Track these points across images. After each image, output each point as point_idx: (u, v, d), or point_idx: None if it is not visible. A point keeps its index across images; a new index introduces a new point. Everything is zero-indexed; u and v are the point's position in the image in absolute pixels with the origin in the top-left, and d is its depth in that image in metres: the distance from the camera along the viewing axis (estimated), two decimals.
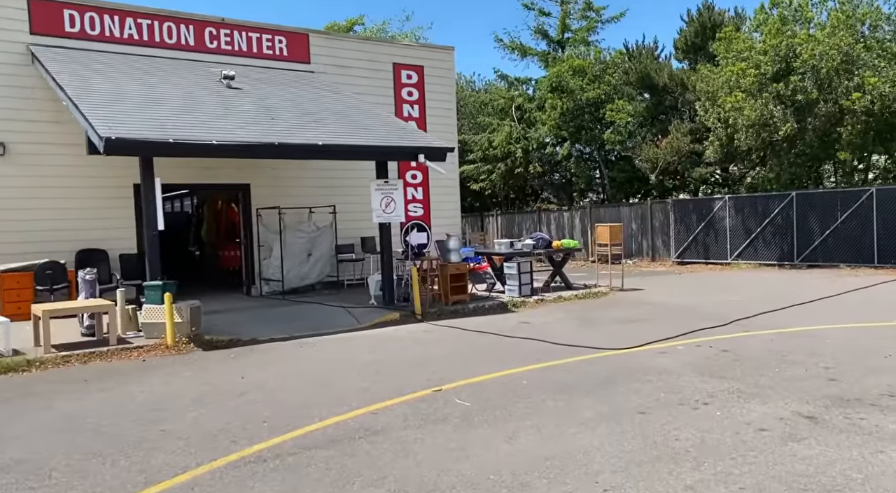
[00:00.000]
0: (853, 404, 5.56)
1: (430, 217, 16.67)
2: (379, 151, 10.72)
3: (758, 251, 19.27)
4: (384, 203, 11.49)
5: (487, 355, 8.13)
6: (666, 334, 9.03)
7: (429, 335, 9.62)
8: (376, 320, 10.69)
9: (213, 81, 12.13)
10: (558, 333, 9.47)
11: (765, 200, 18.99)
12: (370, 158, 11.10)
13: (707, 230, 20.53)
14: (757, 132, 17.42)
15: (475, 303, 11.94)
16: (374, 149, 10.65)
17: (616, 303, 12.32)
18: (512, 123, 25.59)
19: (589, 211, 24.45)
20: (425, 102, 16.47)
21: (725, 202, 19.96)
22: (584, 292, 13.33)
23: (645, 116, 21.99)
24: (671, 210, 21.47)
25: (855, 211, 16.96)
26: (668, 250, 21.79)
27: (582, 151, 25.52)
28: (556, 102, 22.78)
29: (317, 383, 6.98)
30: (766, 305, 11.20)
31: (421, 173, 16.44)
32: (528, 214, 27.25)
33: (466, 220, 29.93)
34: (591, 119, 22.75)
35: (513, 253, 13.12)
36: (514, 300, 12.24)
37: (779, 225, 18.69)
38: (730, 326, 9.51)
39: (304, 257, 13.58)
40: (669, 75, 21.00)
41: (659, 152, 21.03)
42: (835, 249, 17.44)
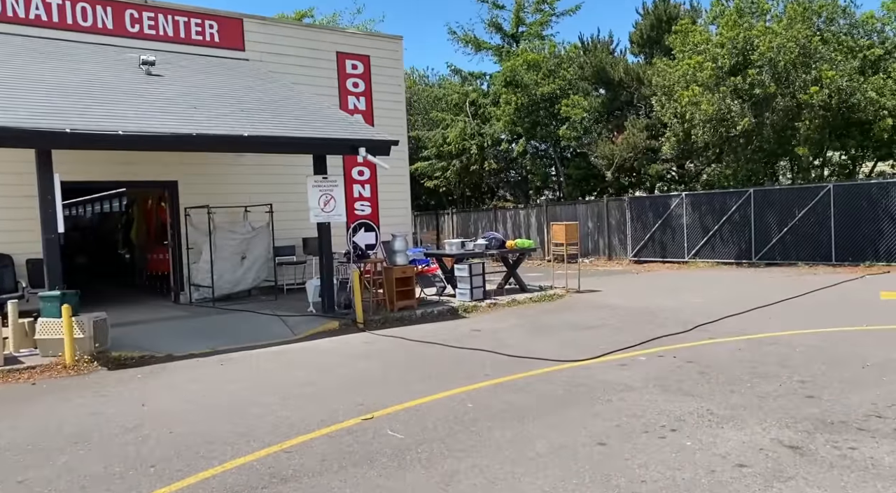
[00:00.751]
0: (839, 429, 4.87)
1: (378, 216, 15.72)
2: (314, 144, 9.74)
3: (715, 249, 18.90)
4: (323, 201, 10.53)
5: (431, 370, 7.27)
6: (626, 342, 8.32)
7: (369, 347, 8.70)
8: (312, 331, 9.73)
9: (131, 68, 10.96)
10: (511, 342, 8.67)
11: (722, 197, 18.62)
12: (304, 151, 10.12)
13: (664, 228, 20.10)
14: (714, 127, 16.98)
15: (423, 309, 11.07)
16: (309, 141, 9.67)
17: (572, 306, 11.61)
18: (466, 119, 24.81)
19: (545, 209, 23.84)
20: (372, 94, 15.52)
21: (682, 200, 19.55)
22: (540, 294, 12.60)
23: (601, 112, 21.46)
24: (627, 208, 20.99)
25: (812, 208, 16.67)
26: (625, 248, 21.31)
27: (538, 147, 24.90)
28: (510, 97, 22.07)
29: (229, 411, 6.00)
30: (730, 307, 10.63)
31: (368, 170, 15.49)
32: (483, 212, 26.54)
33: (421, 218, 29.07)
34: (547, 115, 22.12)
35: (464, 254, 12.30)
36: (466, 305, 11.42)
37: (736, 222, 18.34)
38: (694, 332, 8.86)
39: (237, 261, 12.50)
40: (625, 70, 20.51)
41: (615, 149, 20.51)
42: (793, 246, 17.14)
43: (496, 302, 11.83)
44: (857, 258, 15.86)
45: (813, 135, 15.80)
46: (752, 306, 10.61)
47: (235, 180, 13.53)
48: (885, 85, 15.56)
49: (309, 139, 9.65)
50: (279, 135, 9.36)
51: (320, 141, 9.72)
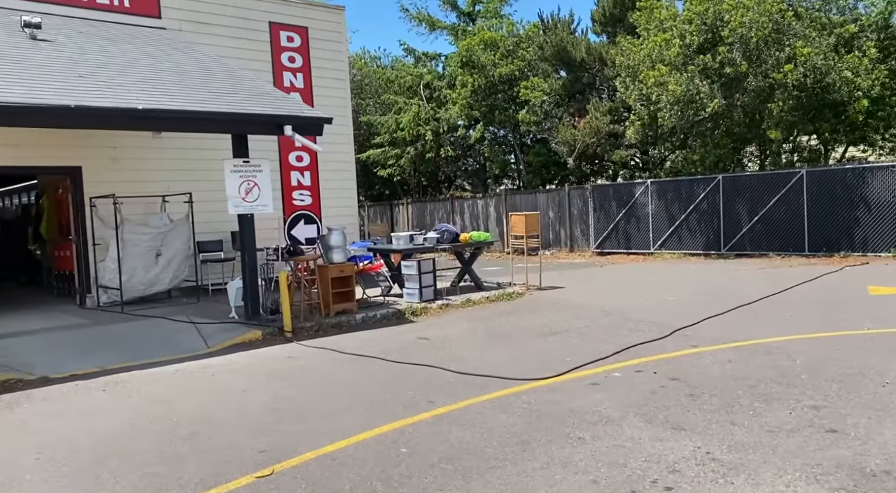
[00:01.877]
0: (884, 483, 3.68)
1: (320, 206, 14.23)
2: (229, 120, 8.21)
3: (682, 240, 17.92)
4: (244, 189, 9.02)
5: (363, 396, 5.89)
6: (596, 351, 7.08)
7: (293, 364, 7.27)
8: (228, 342, 8.24)
9: (11, 30, 9.22)
10: (462, 353, 7.35)
11: (689, 185, 17.63)
12: (218, 129, 8.57)
13: (628, 218, 19.05)
14: (682, 110, 15.92)
15: (365, 312, 9.67)
16: (223, 117, 8.13)
17: (533, 307, 10.35)
18: (420, 103, 23.36)
19: (504, 198, 22.61)
20: (311, 71, 13.96)
21: (648, 187, 18.51)
22: (497, 293, 11.31)
23: (561, 95, 20.27)
24: (590, 197, 19.89)
25: (784, 195, 15.77)
26: (588, 239, 20.23)
27: (496, 133, 23.63)
28: (467, 78, 20.71)
29: (81, 467, 4.52)
30: (708, 307, 9.50)
31: (308, 155, 13.96)
32: (440, 202, 25.18)
33: (374, 209, 27.58)
34: (505, 98, 20.83)
35: (412, 249, 10.92)
36: (414, 307, 10.05)
37: (704, 211, 17.37)
38: (672, 338, 7.67)
39: (150, 259, 10.87)
40: (587, 49, 19.35)
41: (577, 134, 19.35)
42: (763, 236, 16.23)
43: (448, 303, 10.49)
44: (832, 248, 15.02)
45: (786, 117, 14.85)
46: (731, 305, 9.51)
47: (152, 166, 11.88)
48: (861, 64, 14.68)
49: (222, 114, 8.11)
50: (185, 109, 7.81)
51: (236, 117, 8.19)
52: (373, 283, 10.38)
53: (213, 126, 8.29)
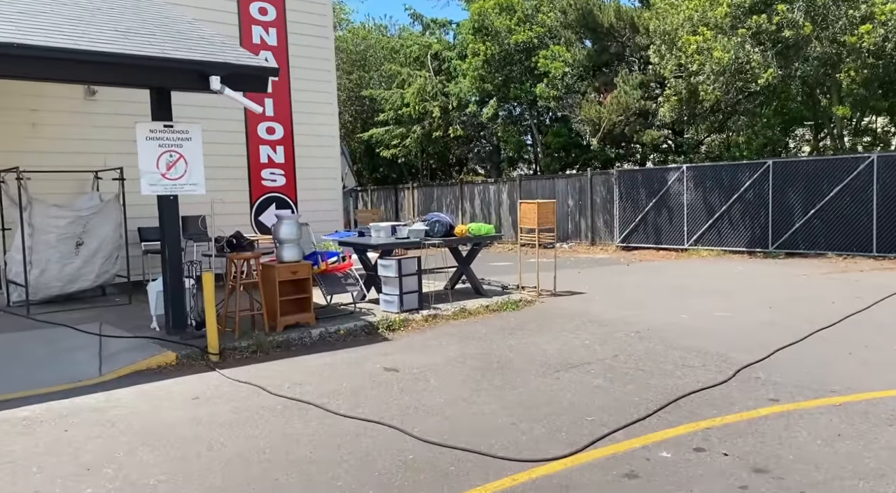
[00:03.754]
0: None
1: (295, 188, 12.04)
2: (127, 65, 5.97)
3: (722, 235, 15.50)
4: (164, 163, 6.83)
5: (269, 480, 3.70)
6: (631, 405, 4.83)
7: (193, 413, 5.09)
8: (128, 369, 6.10)
9: None
10: (437, 400, 5.14)
11: (732, 171, 15.17)
12: (116, 77, 6.31)
13: (659, 208, 16.66)
14: (728, 82, 13.44)
15: (326, 325, 7.48)
16: (117, 60, 5.90)
17: (545, 321, 8.09)
18: (427, 75, 21.00)
19: (519, 184, 20.28)
20: (287, 25, 11.71)
21: (683, 173, 16.08)
22: (500, 300, 9.06)
23: (586, 67, 17.82)
24: (616, 183, 17.50)
25: (849, 185, 13.30)
26: (612, 231, 17.86)
27: (511, 111, 21.22)
28: (479, 46, 18.31)
29: None
30: (773, 328, 7.19)
31: (282, 127, 11.76)
32: (448, 187, 22.90)
33: (378, 194, 25.38)
34: (522, 70, 18.43)
35: (394, 244, 8.69)
36: (391, 319, 7.84)
37: (749, 202, 14.93)
38: (738, 382, 5.39)
39: (69, 249, 8.74)
40: (616, 14, 16.88)
41: (602, 111, 16.92)
42: (821, 232, 13.78)
43: (437, 313, 8.26)
44: None
45: (857, 91, 12.34)
46: (806, 327, 7.17)
47: (84, 134, 9.76)
48: None
49: (122, 57, 5.87)
50: (63, 47, 5.59)
51: (138, 61, 5.95)
52: (340, 287, 8.18)
53: (109, 73, 6.06)
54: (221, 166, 10.98)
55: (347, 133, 25.06)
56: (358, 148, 25.34)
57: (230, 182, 11.16)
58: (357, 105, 24.45)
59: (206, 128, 10.45)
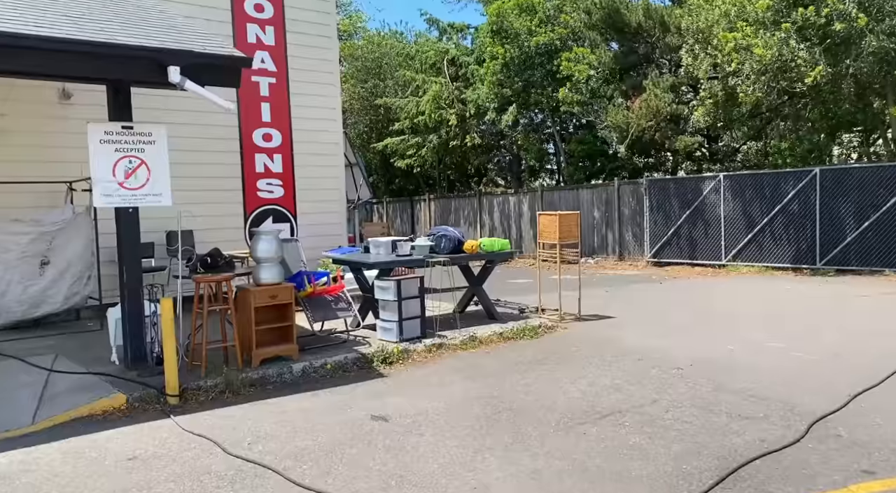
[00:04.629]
0: None
1: (294, 200, 11.07)
2: (76, 53, 5.02)
3: (763, 250, 14.19)
4: (123, 170, 5.87)
5: None
6: (678, 481, 3.67)
7: (129, 480, 4.04)
8: (67, 415, 5.10)
9: None
10: (430, 468, 4.04)
11: (774, 180, 13.88)
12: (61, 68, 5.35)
13: (693, 220, 15.40)
14: (770, 81, 12.21)
15: (312, 358, 6.43)
16: (62, 46, 4.94)
17: (568, 353, 6.94)
18: (444, 81, 20.02)
19: (541, 195, 19.15)
20: (285, 23, 10.79)
21: (720, 182, 14.82)
22: (517, 326, 7.93)
23: (612, 69, 16.69)
24: (646, 193, 16.28)
25: None
26: (642, 245, 16.62)
27: (532, 118, 20.13)
28: (497, 49, 17.29)
29: None
30: (843, 364, 5.98)
31: (279, 133, 10.82)
32: (466, 198, 21.85)
33: (394, 205, 24.41)
34: (543, 74, 17.35)
35: (393, 262, 7.62)
36: (388, 350, 6.76)
37: (794, 214, 13.62)
38: (816, 442, 4.20)
39: (32, 268, 7.83)
40: (645, 12, 15.75)
41: (630, 116, 15.75)
42: (876, 247, 12.42)
43: (442, 343, 7.16)
44: None
45: None
46: (879, 361, 5.94)
47: (59, 142, 8.88)
48: None
49: (57, 42, 4.91)
50: None
51: (81, 47, 4.98)
52: (330, 312, 7.12)
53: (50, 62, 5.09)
54: (211, 176, 10.07)
55: (363, 143, 24.18)
56: (373, 159, 24.45)
57: (222, 194, 10.23)
58: (372, 114, 23.58)
59: (194, 134, 9.62)
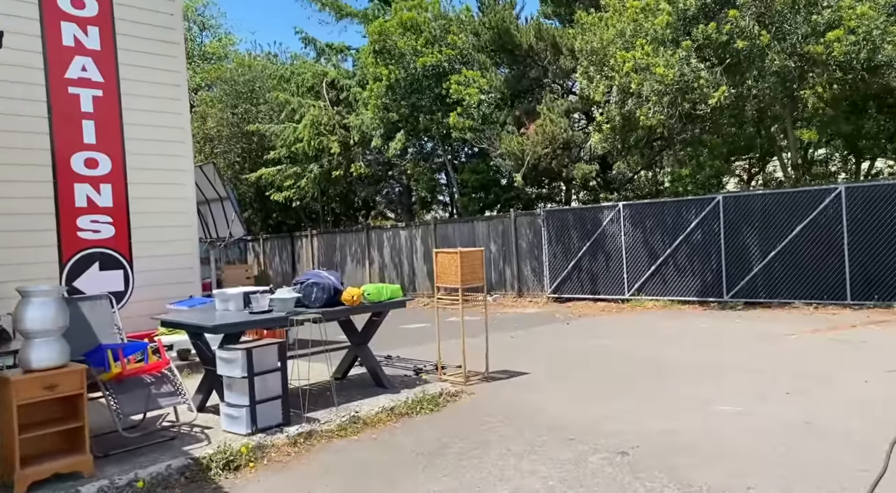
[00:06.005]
0: None
1: (129, 241, 8.85)
2: None
3: (668, 282, 13.38)
4: None
5: None
6: None
7: None
8: None
9: None
10: None
11: (676, 208, 13.17)
12: None
13: (594, 253, 14.45)
14: (671, 103, 11.45)
15: (115, 471, 4.41)
16: None
17: (477, 436, 5.30)
18: (324, 105, 18.26)
19: (433, 228, 17.72)
20: (114, 24, 8.69)
21: (619, 212, 13.97)
22: (412, 395, 6.22)
23: (504, 94, 15.67)
24: (543, 225, 15.21)
25: (813, 221, 11.46)
26: (541, 280, 15.49)
27: (421, 146, 18.77)
28: (381, 71, 15.81)
29: None
30: (818, 435, 4.72)
31: (108, 158, 8.63)
32: (353, 233, 20.02)
33: (272, 243, 22.13)
34: (431, 98, 16.05)
35: (245, 324, 5.71)
36: (233, 449, 4.83)
37: (697, 244, 12.91)
38: None
39: None
40: (537, 34, 14.88)
41: (526, 143, 14.69)
42: (784, 278, 11.83)
43: (312, 430, 5.31)
44: (887, 294, 10.73)
45: (825, 110, 10.58)
46: (859, 426, 4.73)
47: None
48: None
49: None
50: None
51: None
52: (148, 400, 5.09)
53: None
54: (9, 213, 7.74)
55: (234, 175, 21.85)
56: (247, 192, 22.14)
57: (25, 236, 7.89)
58: (244, 142, 21.36)
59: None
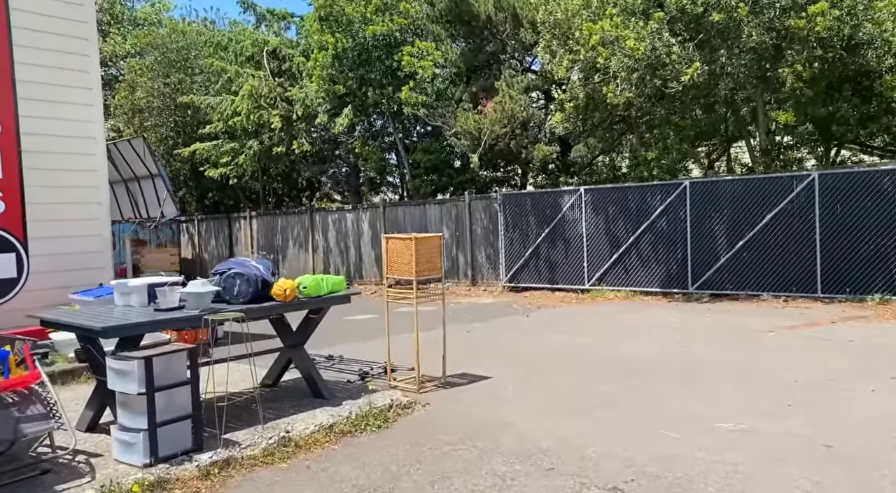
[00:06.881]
0: None
1: (23, 219, 7.52)
2: None
3: (630, 272, 12.70)
4: None
5: None
6: None
7: None
8: None
9: None
10: None
11: (640, 194, 12.47)
12: None
13: (553, 240, 13.67)
14: (641, 79, 10.66)
15: None
16: None
17: (433, 466, 4.34)
18: (264, 75, 16.86)
19: (383, 211, 16.63)
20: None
21: (580, 197, 13.19)
22: (356, 408, 5.21)
23: (459, 69, 14.66)
24: (500, 209, 14.33)
25: (784, 210, 10.92)
26: (496, 268, 14.64)
27: (371, 123, 17.59)
28: (326, 38, 14.54)
29: None
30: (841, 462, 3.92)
31: None
32: (296, 215, 18.75)
33: (208, 224, 20.60)
34: (382, 71, 14.89)
35: (147, 324, 4.58)
36: (121, 489, 3.74)
37: (662, 232, 12.26)
38: None
39: None
40: (496, 3, 13.91)
41: (483, 121, 13.73)
42: (752, 269, 11.27)
43: (230, 457, 4.25)
44: (860, 289, 10.25)
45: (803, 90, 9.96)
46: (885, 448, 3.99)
47: None
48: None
49: None
50: None
51: None
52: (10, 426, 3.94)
53: None
54: None
55: (167, 150, 20.20)
56: (181, 168, 20.52)
57: None
58: (178, 115, 19.72)
59: None
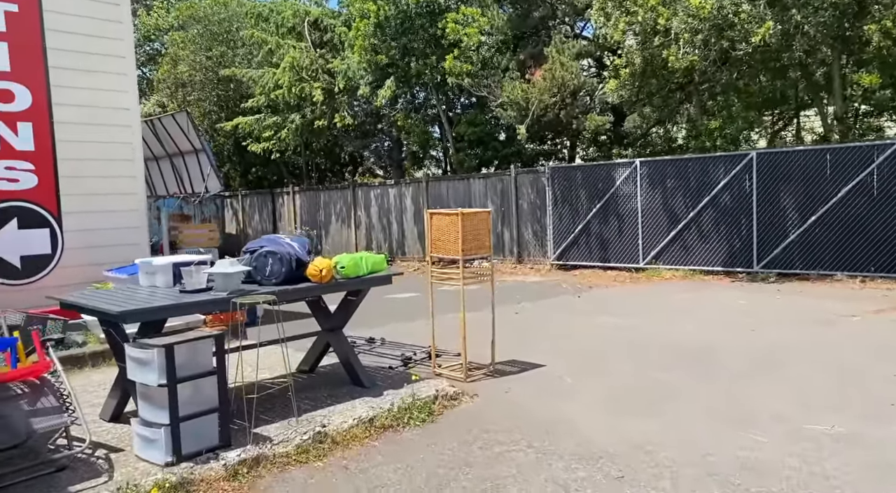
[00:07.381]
0: None
1: (57, 192, 7.27)
2: None
3: (689, 250, 11.95)
4: None
5: None
6: None
7: None
8: None
9: None
10: None
11: (701, 166, 11.66)
12: None
13: (605, 215, 12.98)
14: (706, 42, 9.82)
15: None
16: None
17: (487, 473, 3.87)
18: (305, 46, 16.43)
19: (425, 186, 16.15)
20: None
21: (636, 170, 12.44)
22: (398, 400, 4.77)
23: (506, 36, 13.94)
24: (548, 183, 13.67)
25: (863, 182, 10.00)
26: (543, 245, 14.03)
27: (414, 95, 17.03)
28: (368, 6, 13.99)
29: None
30: None
31: (27, 91, 7.00)
32: (339, 191, 18.43)
33: (251, 199, 20.48)
34: (425, 39, 14.28)
35: (171, 307, 4.19)
36: (143, 486, 3.37)
37: (725, 207, 11.45)
38: None
39: None
40: None
41: (532, 90, 13.03)
42: (826, 247, 10.42)
43: (260, 454, 3.86)
44: None
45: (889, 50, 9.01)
46: None
47: None
48: None
49: None
50: None
51: None
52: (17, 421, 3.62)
53: None
54: None
55: (210, 125, 20.05)
56: (225, 144, 20.38)
57: None
58: (221, 89, 19.51)
59: None
